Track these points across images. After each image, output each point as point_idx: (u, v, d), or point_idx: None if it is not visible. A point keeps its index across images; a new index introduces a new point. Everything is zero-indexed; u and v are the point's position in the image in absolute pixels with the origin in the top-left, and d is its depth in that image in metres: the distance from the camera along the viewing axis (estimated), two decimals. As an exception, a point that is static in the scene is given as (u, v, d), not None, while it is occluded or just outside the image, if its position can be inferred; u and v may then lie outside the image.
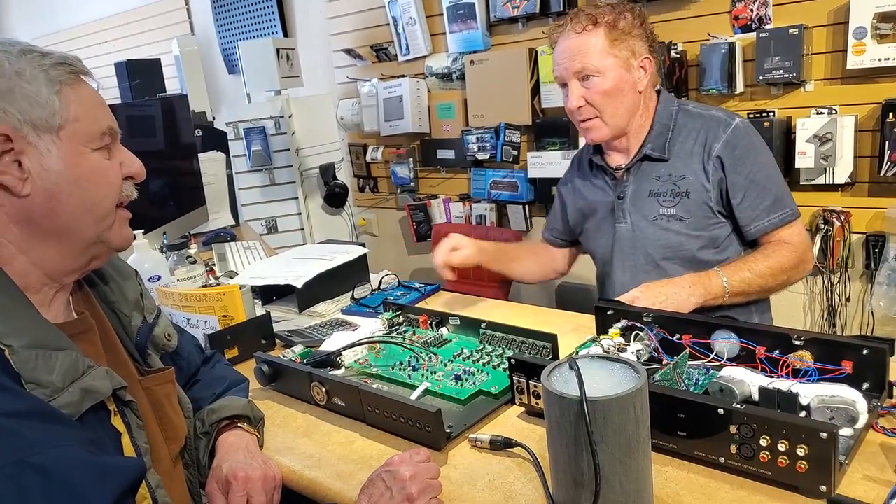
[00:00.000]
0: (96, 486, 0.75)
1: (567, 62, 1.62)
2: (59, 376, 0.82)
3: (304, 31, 4.00)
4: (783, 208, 1.59)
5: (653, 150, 1.64)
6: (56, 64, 0.87)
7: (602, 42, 1.58)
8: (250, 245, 2.56)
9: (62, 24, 5.62)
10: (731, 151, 1.58)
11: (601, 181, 1.75)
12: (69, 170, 0.87)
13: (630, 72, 1.61)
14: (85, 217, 0.90)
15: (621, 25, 1.59)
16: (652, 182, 1.65)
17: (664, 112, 1.66)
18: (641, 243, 1.68)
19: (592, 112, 1.63)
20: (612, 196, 1.72)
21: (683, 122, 1.65)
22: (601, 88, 1.60)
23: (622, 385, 0.85)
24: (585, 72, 1.59)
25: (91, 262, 0.95)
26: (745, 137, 1.59)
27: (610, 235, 1.74)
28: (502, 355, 1.34)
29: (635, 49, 1.61)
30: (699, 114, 1.65)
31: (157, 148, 2.63)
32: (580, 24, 1.59)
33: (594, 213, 1.78)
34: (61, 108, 0.86)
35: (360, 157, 3.80)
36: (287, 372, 1.34)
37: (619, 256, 1.72)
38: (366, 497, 0.94)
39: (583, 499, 0.85)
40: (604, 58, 1.58)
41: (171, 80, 4.29)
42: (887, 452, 0.95)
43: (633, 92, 1.63)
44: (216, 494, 1.04)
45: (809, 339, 1.11)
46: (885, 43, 2.06)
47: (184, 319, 1.59)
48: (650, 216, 1.65)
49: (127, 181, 0.96)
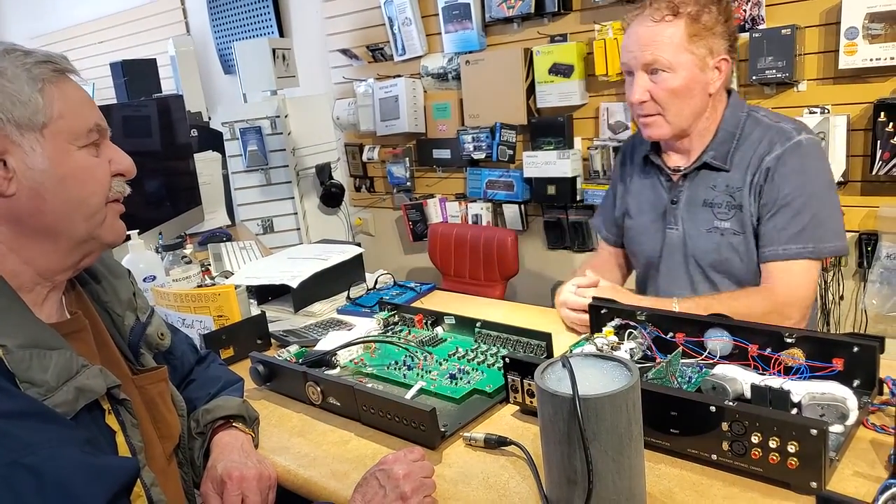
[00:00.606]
0: (90, 487, 0.75)
1: (637, 51, 1.49)
2: (53, 375, 0.82)
3: (299, 31, 4.00)
4: (806, 242, 1.44)
5: (714, 158, 1.53)
6: (39, 62, 0.87)
7: (680, 35, 1.45)
8: (246, 245, 2.56)
9: (58, 23, 5.61)
10: (780, 166, 1.45)
11: (655, 180, 1.65)
12: (54, 168, 0.87)
13: (704, 71, 1.48)
14: (73, 215, 0.89)
15: (704, 20, 1.46)
16: (708, 191, 1.54)
17: (731, 118, 1.54)
18: (692, 253, 1.58)
19: (655, 108, 1.50)
20: (666, 199, 1.62)
21: (750, 131, 1.52)
22: (669, 85, 1.47)
23: (615, 383, 0.86)
24: (656, 65, 1.47)
25: (83, 260, 0.95)
26: (803, 157, 1.45)
27: (658, 240, 1.64)
28: (497, 354, 1.35)
29: (714, 47, 1.48)
30: (768, 124, 1.52)
31: (152, 148, 2.63)
32: (659, 11, 1.46)
33: (642, 212, 1.68)
34: (44, 106, 0.86)
35: (356, 157, 3.80)
36: (282, 372, 1.34)
37: (668, 263, 1.63)
38: (360, 496, 0.94)
39: (576, 496, 0.86)
40: (679, 53, 1.46)
41: (167, 81, 4.29)
42: (877, 449, 0.96)
43: (703, 93, 1.50)
44: (211, 494, 1.04)
45: (801, 336, 1.12)
46: (877, 43, 2.07)
47: (179, 319, 1.59)
48: (704, 227, 1.55)
49: (117, 178, 0.95)
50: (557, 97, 2.85)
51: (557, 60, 2.80)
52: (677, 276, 1.61)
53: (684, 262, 1.60)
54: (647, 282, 1.72)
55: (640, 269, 1.76)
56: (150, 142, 2.62)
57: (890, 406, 1.04)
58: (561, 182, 2.91)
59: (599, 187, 2.85)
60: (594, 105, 2.82)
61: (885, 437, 0.98)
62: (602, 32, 2.61)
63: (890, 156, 2.08)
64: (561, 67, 2.80)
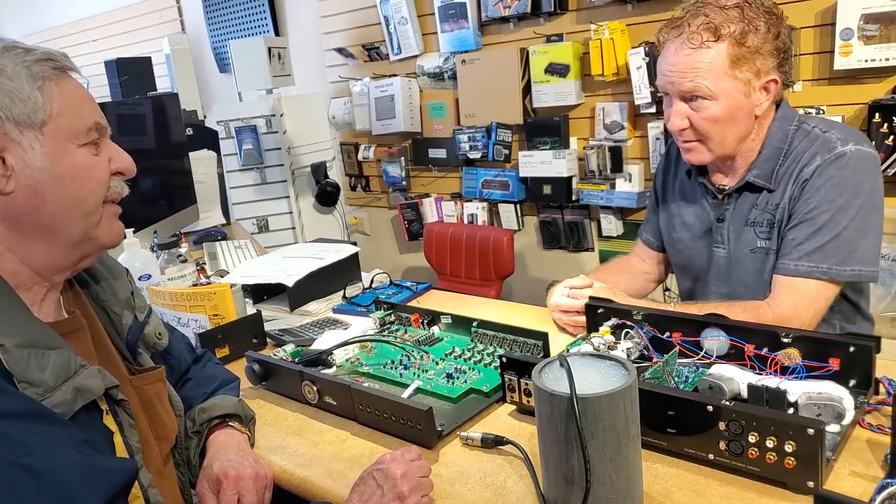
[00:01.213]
0: (87, 488, 0.75)
1: (676, 77, 1.36)
2: (51, 375, 0.82)
3: (295, 30, 3.99)
4: (822, 262, 1.33)
5: (757, 177, 1.42)
6: (39, 60, 0.87)
7: (722, 61, 1.32)
8: (241, 244, 2.56)
9: (52, 21, 5.58)
10: (816, 178, 1.34)
11: (700, 197, 1.55)
12: (53, 166, 0.86)
13: (749, 97, 1.36)
14: (70, 214, 0.89)
15: (750, 42, 1.31)
16: (752, 210, 1.45)
17: (778, 132, 1.41)
18: (739, 275, 1.49)
19: (696, 135, 1.40)
20: (712, 217, 1.52)
21: (797, 144, 1.40)
22: (711, 114, 1.36)
23: (612, 382, 0.86)
24: (696, 93, 1.35)
25: (81, 260, 0.95)
26: (843, 168, 1.33)
27: (705, 258, 1.55)
28: (494, 353, 1.35)
29: (761, 68, 1.34)
30: (816, 134, 1.39)
31: (147, 146, 2.62)
32: (698, 36, 1.32)
33: (687, 227, 1.59)
34: (44, 104, 0.85)
35: (351, 156, 3.79)
36: (278, 371, 1.34)
37: (716, 282, 1.55)
38: (357, 495, 0.94)
39: (573, 496, 0.86)
40: (721, 80, 1.33)
41: (162, 79, 4.27)
42: (874, 448, 0.97)
43: (748, 118, 1.38)
44: (207, 493, 1.04)
45: (797, 336, 1.12)
46: (872, 44, 2.08)
47: (174, 318, 1.58)
48: (748, 248, 1.46)
49: (116, 177, 0.95)
50: (553, 97, 2.85)
51: (553, 60, 2.80)
52: (728, 294, 1.53)
53: (733, 282, 1.52)
54: (693, 296, 1.65)
55: (685, 283, 1.69)
56: (145, 140, 2.61)
57: (886, 406, 1.05)
58: (556, 182, 2.91)
59: (595, 187, 2.85)
60: (590, 105, 2.82)
61: (882, 437, 0.98)
62: (598, 32, 2.61)
63: (885, 157, 2.09)
64: (557, 67, 2.80)
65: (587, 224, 2.98)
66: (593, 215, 2.95)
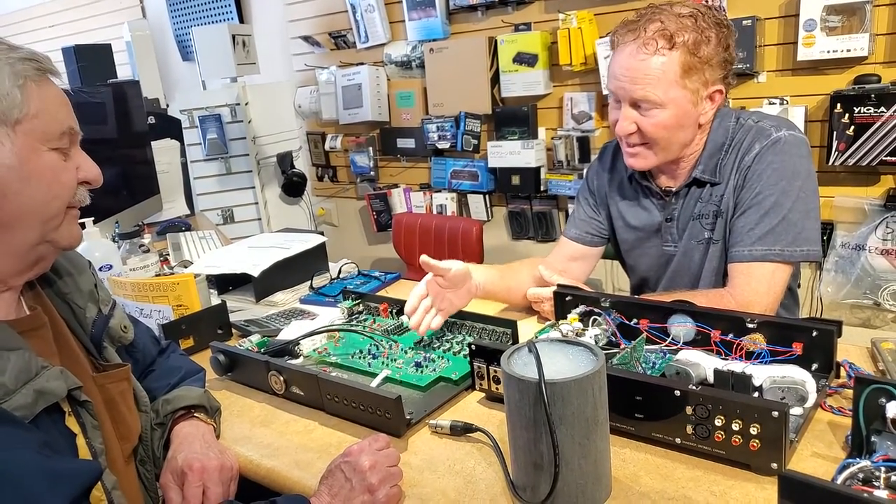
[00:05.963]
0: (49, 491, 0.73)
1: (627, 83, 1.38)
2: (11, 377, 0.79)
3: (260, 18, 3.92)
4: (774, 244, 1.37)
5: (703, 172, 1.46)
6: (23, 59, 0.86)
7: (674, 70, 1.34)
8: (206, 235, 2.51)
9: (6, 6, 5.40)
10: (756, 164, 1.39)
11: (646, 200, 1.57)
12: (21, 165, 0.84)
13: (696, 106, 1.39)
14: (31, 216, 0.87)
15: (702, 52, 1.34)
16: (697, 204, 1.49)
17: (719, 129, 1.46)
18: (689, 268, 1.53)
19: (642, 139, 1.42)
20: (660, 217, 1.54)
21: (737, 137, 1.44)
22: (659, 120, 1.38)
23: (581, 367, 0.86)
24: (646, 101, 1.37)
25: (38, 263, 0.92)
26: (779, 153, 1.38)
27: (655, 256, 1.59)
28: (462, 342, 1.34)
29: (709, 79, 1.38)
30: (751, 125, 1.44)
31: (108, 136, 2.56)
32: (653, 42, 1.34)
33: (633, 229, 1.61)
34: (22, 103, 0.84)
35: (318, 146, 3.75)
36: (244, 361, 1.32)
37: (665, 278, 1.58)
38: (326, 488, 0.93)
39: (542, 481, 0.86)
40: (671, 88, 1.35)
41: (123, 67, 4.17)
42: (834, 430, 0.98)
43: (693, 126, 1.42)
44: (171, 486, 1.01)
45: (762, 322, 1.13)
46: (834, 35, 2.12)
47: (137, 309, 1.55)
48: (696, 240, 1.50)
49: (81, 186, 0.93)
50: (522, 86, 2.85)
51: (521, 49, 2.80)
52: (676, 289, 1.53)
53: (682, 278, 1.55)
54: (643, 292, 1.65)
55: (634, 279, 1.71)
56: (106, 129, 2.55)
57: (847, 388, 1.07)
58: (525, 172, 2.92)
59: (563, 177, 2.86)
60: (558, 95, 2.82)
61: (843, 419, 1.00)
62: (566, 22, 2.61)
63: (845, 147, 2.13)
64: (525, 57, 2.80)
65: (555, 214, 2.99)
66: (561, 205, 2.96)
